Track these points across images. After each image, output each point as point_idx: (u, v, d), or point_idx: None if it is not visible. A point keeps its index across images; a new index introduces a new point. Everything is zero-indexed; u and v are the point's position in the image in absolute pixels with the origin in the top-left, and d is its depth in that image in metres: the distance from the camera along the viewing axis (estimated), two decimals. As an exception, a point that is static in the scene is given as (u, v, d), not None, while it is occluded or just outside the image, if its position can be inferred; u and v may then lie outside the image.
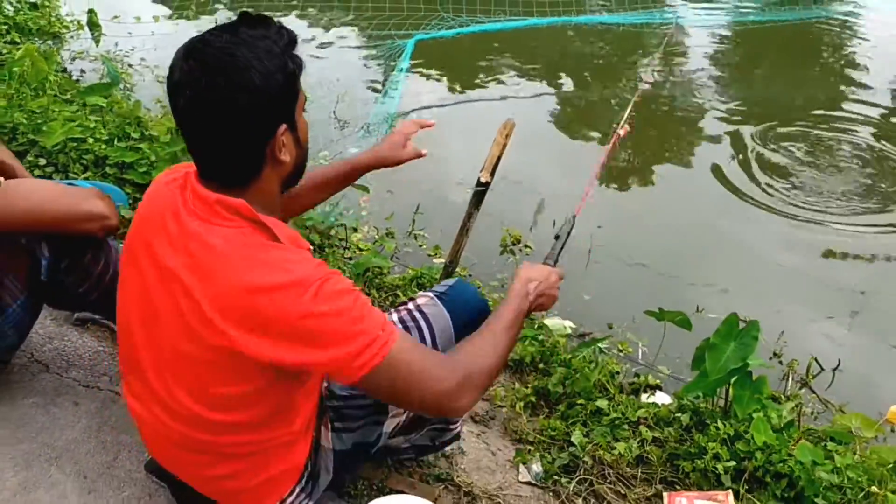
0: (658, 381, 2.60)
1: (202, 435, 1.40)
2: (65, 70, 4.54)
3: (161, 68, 4.66)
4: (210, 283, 1.24)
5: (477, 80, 5.41)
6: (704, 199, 4.16)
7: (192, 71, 1.22)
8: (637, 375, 2.60)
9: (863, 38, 6.13)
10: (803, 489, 1.95)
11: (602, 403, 2.23)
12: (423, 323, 1.61)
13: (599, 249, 3.42)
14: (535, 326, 2.62)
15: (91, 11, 4.69)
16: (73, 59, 4.91)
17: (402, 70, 4.93)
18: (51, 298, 1.85)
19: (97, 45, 4.77)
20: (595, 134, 4.79)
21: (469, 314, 1.64)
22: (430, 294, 1.68)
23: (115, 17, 5.42)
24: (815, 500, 1.92)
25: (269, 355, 1.24)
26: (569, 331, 2.68)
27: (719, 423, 2.11)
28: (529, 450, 2.09)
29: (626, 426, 2.18)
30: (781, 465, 2.00)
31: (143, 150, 3.07)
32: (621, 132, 2.22)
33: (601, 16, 6.18)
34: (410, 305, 1.67)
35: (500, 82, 5.38)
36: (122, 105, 3.47)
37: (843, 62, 5.84)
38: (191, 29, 5.78)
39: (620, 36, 5.96)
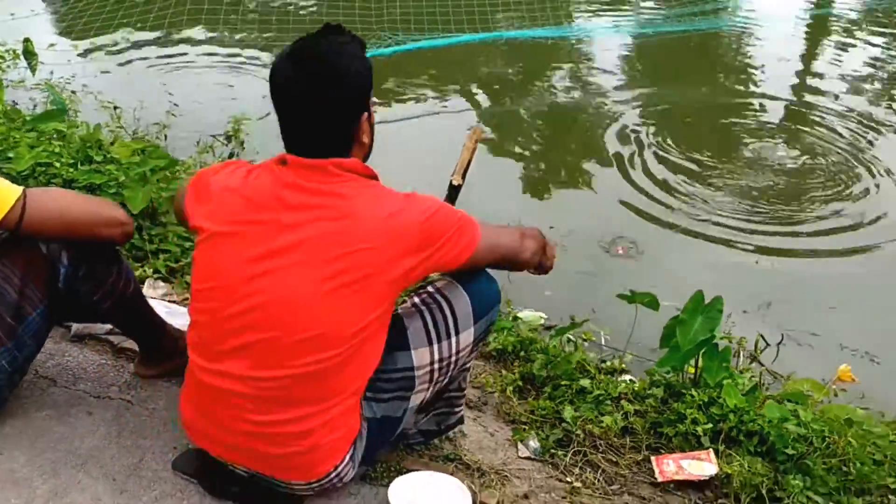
0: (623, 364, 2.80)
1: (303, 385, 1.57)
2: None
3: (104, 94, 4.66)
4: (355, 220, 1.52)
5: (402, 97, 5.55)
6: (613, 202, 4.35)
7: (304, 70, 1.53)
8: (603, 361, 2.79)
9: (757, 46, 6.56)
10: (773, 443, 2.16)
11: (585, 383, 2.40)
12: (444, 303, 1.75)
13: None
14: (511, 318, 2.78)
15: (27, 41, 4.65)
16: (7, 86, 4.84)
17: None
18: (66, 307, 1.89)
19: (34, 75, 4.73)
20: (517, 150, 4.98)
21: (485, 295, 1.80)
22: (448, 277, 1.81)
23: (52, 44, 5.36)
24: (785, 450, 2.13)
25: (408, 264, 1.55)
26: (542, 321, 2.84)
27: (693, 392, 2.31)
28: (525, 428, 2.24)
29: (608, 402, 2.35)
30: (752, 423, 2.21)
31: (111, 172, 3.10)
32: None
33: (523, 31, 6.42)
34: (430, 288, 1.80)
35: (420, 100, 5.52)
36: (83, 128, 3.49)
37: (739, 69, 6.23)
38: (107, 59, 5.79)
39: (532, 49, 6.22)
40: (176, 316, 2.30)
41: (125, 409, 2.03)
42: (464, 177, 2.71)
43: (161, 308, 2.29)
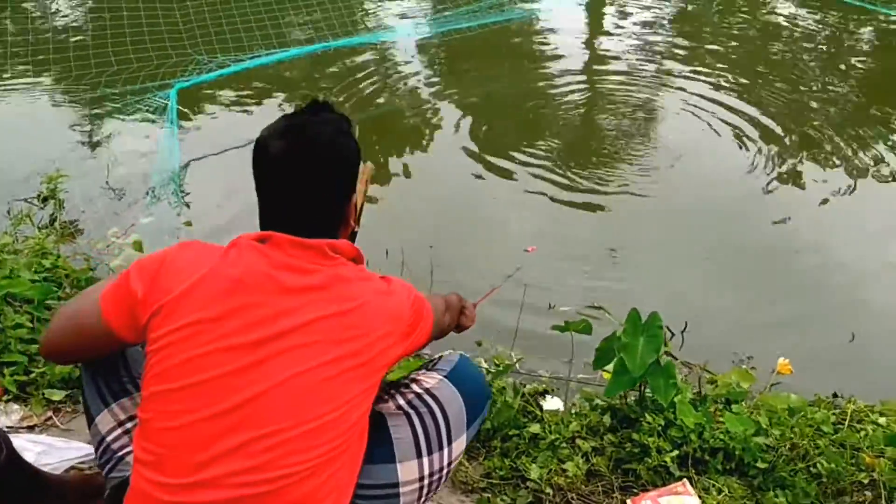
0: (543, 385, 2.66)
1: (299, 486, 1.31)
2: None
3: None
4: (356, 304, 1.39)
5: (248, 118, 5.16)
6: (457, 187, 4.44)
7: (302, 150, 1.44)
8: (523, 384, 2.62)
9: (549, 32, 6.82)
10: (741, 458, 2.08)
11: (535, 429, 2.21)
12: (435, 407, 1.52)
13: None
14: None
15: None
16: None
17: (172, 122, 4.55)
18: None
19: None
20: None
21: (478, 394, 1.61)
22: (437, 375, 1.56)
23: None
24: (756, 465, 2.06)
25: (399, 350, 1.46)
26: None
27: (648, 417, 2.19)
28: (488, 497, 2.02)
29: (564, 445, 2.18)
30: (714, 440, 2.12)
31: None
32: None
33: (337, 41, 6.17)
34: (417, 388, 1.55)
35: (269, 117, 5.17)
36: None
37: (537, 52, 6.47)
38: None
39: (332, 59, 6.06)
40: (53, 452, 1.86)
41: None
42: (358, 221, 2.43)
43: (29, 446, 1.85)
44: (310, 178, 1.44)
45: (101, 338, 1.40)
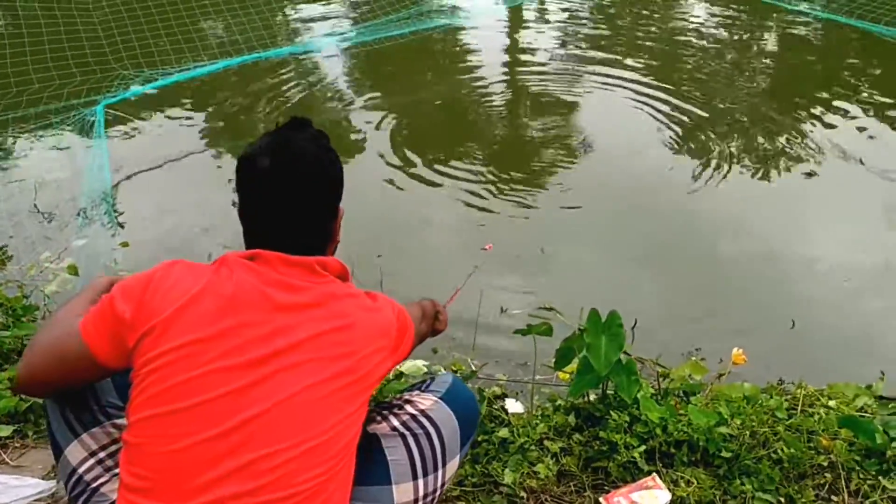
0: (501, 389, 2.67)
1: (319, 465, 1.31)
2: None
3: None
4: (348, 321, 1.38)
5: (176, 132, 5.04)
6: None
7: (289, 168, 1.42)
8: (481, 390, 2.63)
9: (471, 39, 6.94)
10: (706, 449, 2.13)
11: (504, 433, 2.21)
12: (430, 428, 1.53)
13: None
14: (397, 377, 2.52)
15: None
16: None
17: (100, 139, 4.41)
18: None
19: None
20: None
21: (471, 416, 1.63)
22: (432, 397, 1.57)
23: None
24: (720, 454, 2.11)
25: (389, 364, 1.46)
26: (424, 369, 2.62)
27: (614, 414, 2.22)
28: (462, 505, 2.01)
29: (533, 447, 2.19)
30: (678, 433, 2.17)
31: None
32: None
33: (268, 51, 6.11)
34: (412, 409, 1.55)
35: (205, 133, 5.08)
36: None
37: (460, 57, 6.58)
38: None
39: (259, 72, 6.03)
40: (9, 491, 1.77)
41: None
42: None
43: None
44: (297, 194, 1.43)
45: (83, 366, 1.34)
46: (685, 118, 5.25)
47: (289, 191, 1.43)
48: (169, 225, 4.02)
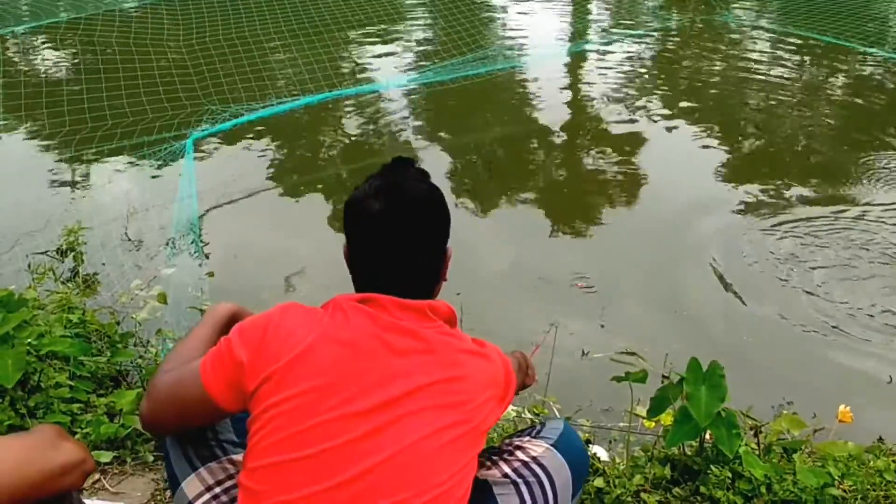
0: (586, 434, 2.61)
1: None
2: None
3: None
4: (462, 368, 1.38)
5: (258, 166, 5.16)
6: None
7: (399, 206, 1.42)
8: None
9: (532, 82, 7.01)
10: (814, 510, 2.04)
11: (599, 482, 2.16)
12: (543, 477, 1.49)
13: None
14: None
15: None
16: None
17: (189, 171, 4.53)
18: None
19: None
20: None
21: (583, 465, 1.59)
22: (544, 443, 1.53)
23: None
24: (828, 517, 2.01)
25: (498, 413, 1.44)
26: (514, 413, 2.58)
27: (715, 469, 2.14)
28: (560, 556, 1.95)
29: (630, 499, 2.12)
30: (785, 493, 2.08)
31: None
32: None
33: (342, 90, 6.25)
34: (524, 456, 1.50)
35: (282, 168, 5.19)
36: None
37: (523, 102, 6.65)
38: None
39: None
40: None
41: None
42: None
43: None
44: (410, 236, 1.43)
45: (203, 409, 1.35)
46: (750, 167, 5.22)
47: (402, 233, 1.42)
48: (251, 259, 4.10)
